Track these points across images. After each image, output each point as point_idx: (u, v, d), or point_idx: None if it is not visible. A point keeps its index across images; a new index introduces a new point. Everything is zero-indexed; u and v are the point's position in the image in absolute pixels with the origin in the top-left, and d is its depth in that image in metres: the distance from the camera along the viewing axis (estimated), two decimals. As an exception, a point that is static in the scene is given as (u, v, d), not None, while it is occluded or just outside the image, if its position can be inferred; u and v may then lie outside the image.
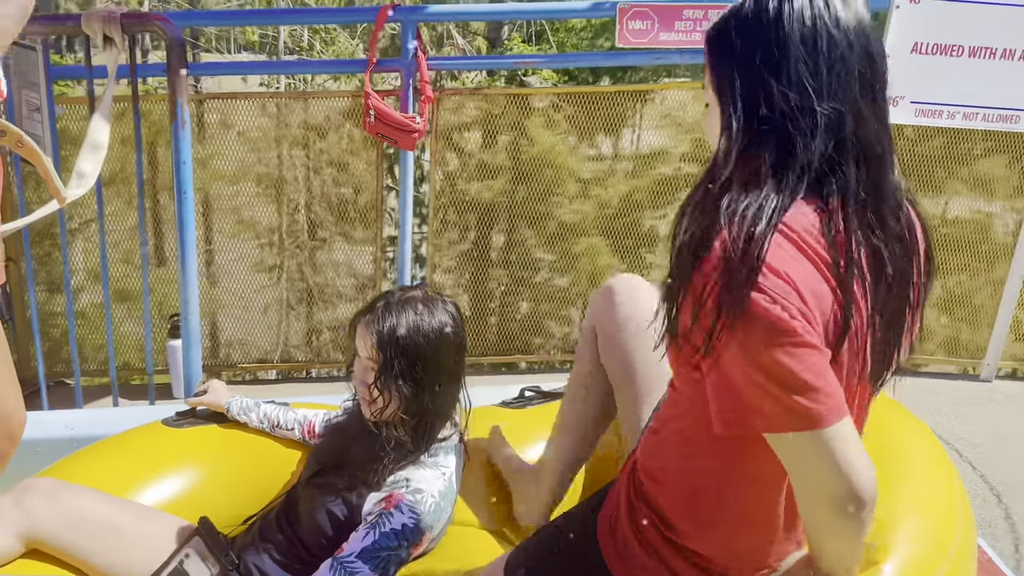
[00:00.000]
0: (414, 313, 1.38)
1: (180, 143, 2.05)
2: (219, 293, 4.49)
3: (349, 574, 1.26)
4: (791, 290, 0.90)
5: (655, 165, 4.54)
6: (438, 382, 1.40)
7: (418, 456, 1.39)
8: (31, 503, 1.38)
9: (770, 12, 0.96)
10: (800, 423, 0.89)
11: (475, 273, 4.67)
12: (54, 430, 1.90)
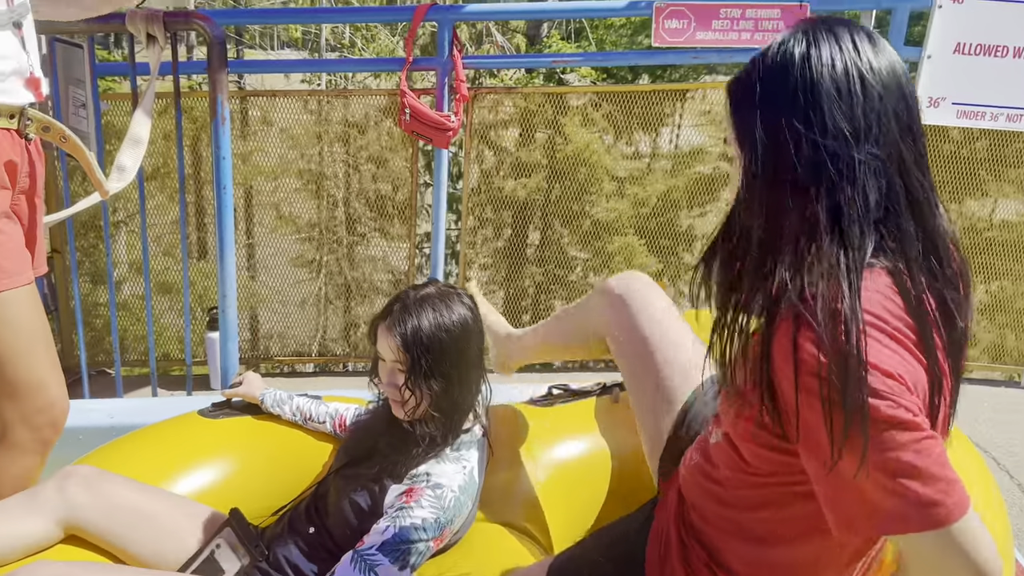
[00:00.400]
0: (432, 310, 1.39)
1: (220, 139, 2.08)
2: (258, 287, 4.57)
3: (369, 567, 1.28)
4: (904, 388, 0.86)
5: (693, 164, 4.51)
6: (465, 374, 1.42)
7: (443, 449, 1.41)
8: (71, 490, 1.42)
9: (797, 58, 0.93)
10: (931, 520, 0.84)
11: (510, 270, 4.68)
12: (96, 418, 1.95)
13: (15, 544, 1.35)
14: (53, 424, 1.53)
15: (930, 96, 2.90)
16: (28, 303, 1.48)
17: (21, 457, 1.51)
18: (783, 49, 0.95)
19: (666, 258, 4.56)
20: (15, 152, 1.45)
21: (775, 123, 0.92)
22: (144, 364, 4.36)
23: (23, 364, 1.47)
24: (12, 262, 1.44)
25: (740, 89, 0.98)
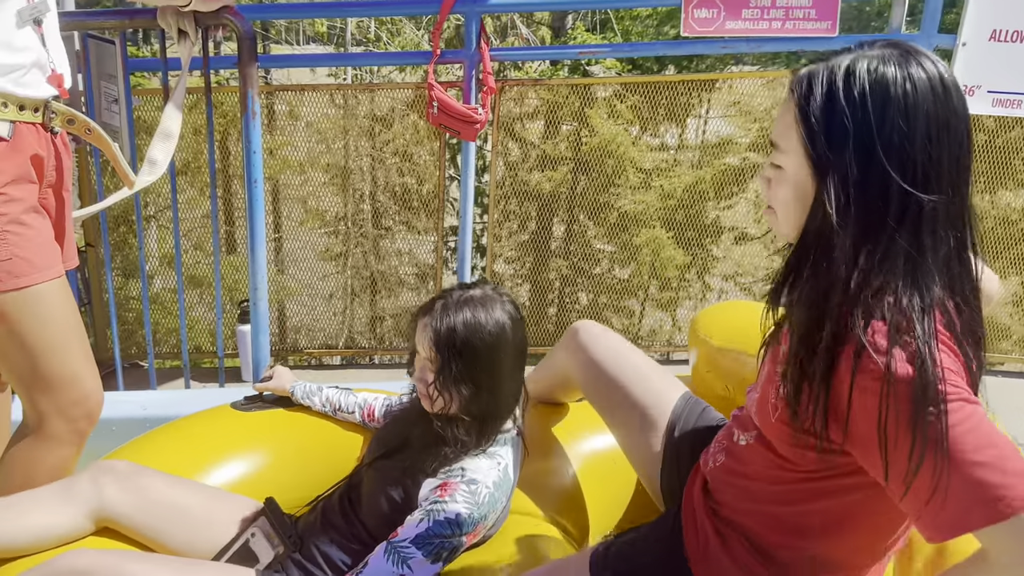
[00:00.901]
0: (471, 313, 1.37)
1: (251, 133, 2.10)
2: (286, 280, 4.61)
3: (402, 559, 1.28)
4: (966, 385, 0.92)
5: (721, 155, 4.47)
6: (497, 382, 1.40)
7: (476, 448, 1.40)
8: (105, 486, 1.43)
9: (899, 91, 0.93)
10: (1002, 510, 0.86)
11: (535, 263, 4.68)
12: (129, 410, 1.98)
13: (48, 534, 1.37)
14: (88, 416, 1.55)
15: (965, 84, 2.84)
16: (59, 296, 1.49)
17: (57, 448, 1.53)
18: (878, 75, 0.94)
19: (693, 250, 4.52)
20: (41, 146, 1.47)
21: (868, 158, 0.93)
22: (175, 357, 4.42)
23: (57, 357, 1.49)
24: (41, 256, 1.45)
25: (826, 108, 0.96)
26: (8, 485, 1.53)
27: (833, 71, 0.96)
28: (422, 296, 4.72)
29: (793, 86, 1.00)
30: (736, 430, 1.25)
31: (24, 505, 1.37)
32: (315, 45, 14.84)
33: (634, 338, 4.77)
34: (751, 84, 4.41)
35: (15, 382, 1.53)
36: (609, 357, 1.59)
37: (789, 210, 1.03)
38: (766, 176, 1.06)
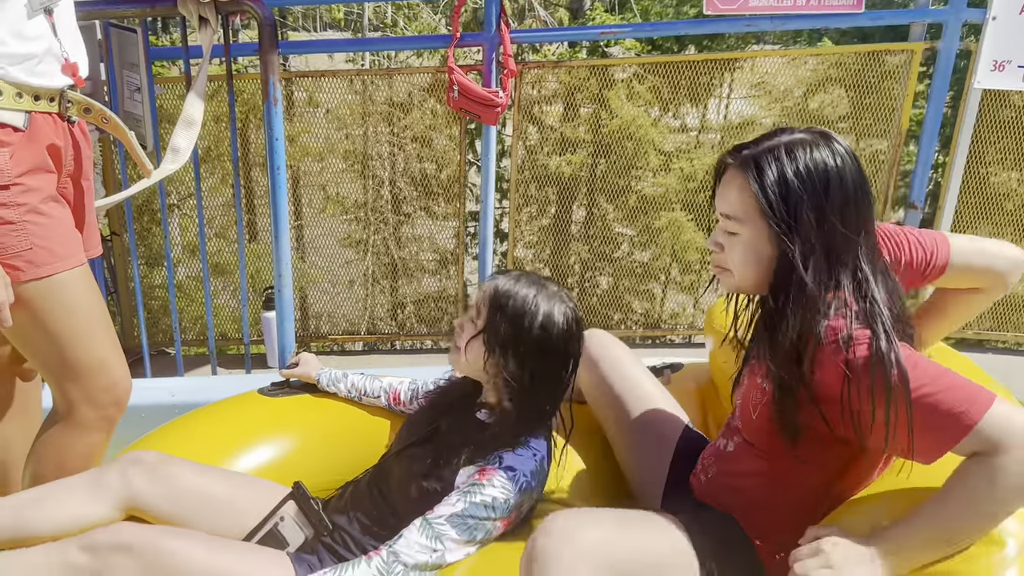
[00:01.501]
0: (533, 293, 1.39)
1: (272, 120, 2.10)
2: (308, 267, 4.62)
3: (437, 534, 1.29)
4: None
5: (743, 135, 4.42)
6: (539, 367, 1.40)
7: (514, 440, 1.40)
8: (133, 476, 1.44)
9: (833, 164, 1.19)
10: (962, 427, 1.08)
11: (555, 248, 4.66)
12: (158, 396, 1.99)
13: (79, 525, 1.38)
14: (116, 403, 1.56)
15: (994, 60, 2.79)
16: (82, 284, 1.50)
17: (87, 435, 1.54)
18: (814, 155, 1.20)
19: (715, 233, 4.49)
20: (58, 135, 1.47)
21: (822, 218, 1.19)
22: (199, 344, 4.46)
23: (83, 345, 1.50)
24: (63, 245, 1.46)
25: (781, 185, 1.19)
26: (40, 472, 1.55)
27: (777, 155, 1.19)
28: (443, 282, 4.72)
29: (742, 168, 1.21)
30: (724, 439, 1.45)
31: (55, 497, 1.39)
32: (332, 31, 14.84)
33: (655, 322, 4.75)
34: (773, 63, 4.34)
35: (43, 371, 1.55)
36: (615, 374, 1.67)
37: (747, 268, 1.26)
38: (718, 242, 1.28)
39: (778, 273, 1.24)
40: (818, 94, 4.28)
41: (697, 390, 1.88)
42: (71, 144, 1.52)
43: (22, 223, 1.38)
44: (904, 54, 3.54)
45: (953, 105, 4.46)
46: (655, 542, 1.24)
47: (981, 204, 3.87)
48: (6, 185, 1.36)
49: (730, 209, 1.23)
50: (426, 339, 4.98)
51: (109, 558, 1.26)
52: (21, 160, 1.39)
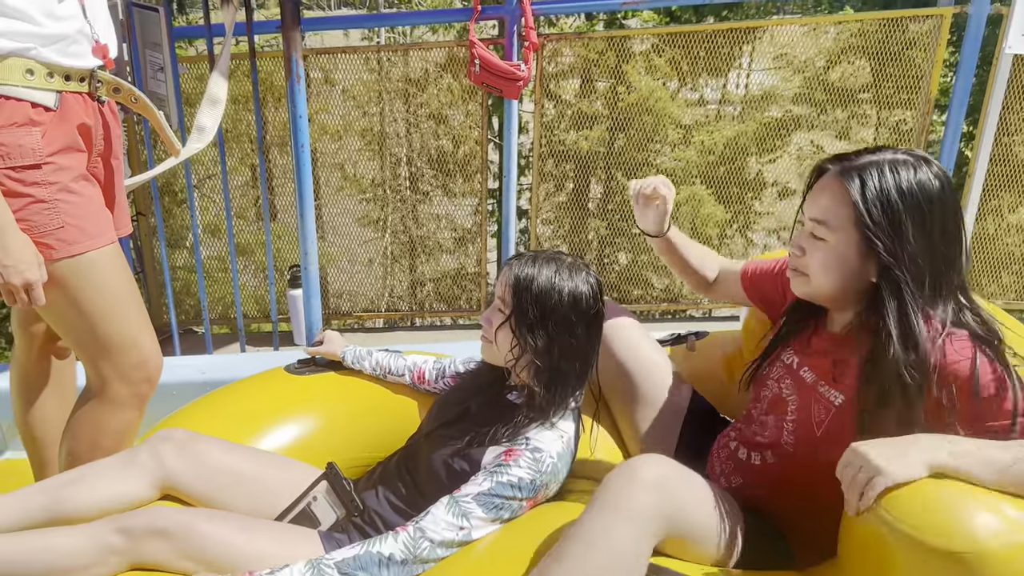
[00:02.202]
0: (555, 270, 1.40)
1: (295, 97, 2.09)
2: (327, 247, 4.64)
3: (463, 511, 1.31)
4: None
5: (764, 107, 4.37)
6: (567, 345, 1.40)
7: (544, 420, 1.41)
8: (165, 454, 1.46)
9: (933, 186, 1.23)
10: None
11: (573, 224, 4.64)
12: (188, 374, 2.01)
13: (115, 505, 1.40)
14: (148, 379, 1.58)
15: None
16: (114, 263, 1.51)
17: (120, 411, 1.57)
18: (917, 175, 1.24)
19: (734, 206, 4.45)
20: (88, 115, 1.49)
21: (923, 235, 1.23)
22: (224, 323, 4.50)
23: (115, 323, 1.52)
24: (93, 224, 1.48)
25: (882, 201, 1.23)
26: (75, 448, 1.58)
27: (880, 169, 1.23)
28: (461, 260, 4.72)
29: (843, 176, 1.25)
30: (745, 449, 1.47)
31: (90, 478, 1.41)
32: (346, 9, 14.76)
33: (675, 296, 4.73)
34: (793, 33, 4.28)
35: (76, 348, 1.57)
36: (619, 344, 1.68)
37: (827, 276, 1.29)
38: (801, 245, 1.31)
39: (868, 288, 1.27)
40: (840, 64, 4.22)
41: (723, 357, 1.88)
42: (101, 124, 1.53)
43: (54, 202, 1.40)
44: (930, 20, 3.48)
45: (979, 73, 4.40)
46: (713, 509, 1.28)
47: (1008, 174, 3.82)
48: (38, 164, 1.38)
49: (822, 215, 1.26)
50: (445, 316, 4.99)
51: (145, 541, 1.29)
52: (53, 140, 1.40)
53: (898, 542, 1.09)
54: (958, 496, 1.09)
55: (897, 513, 1.09)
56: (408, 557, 1.27)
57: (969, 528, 1.06)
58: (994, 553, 1.04)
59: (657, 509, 1.17)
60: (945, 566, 1.06)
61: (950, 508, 1.08)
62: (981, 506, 1.08)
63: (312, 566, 1.24)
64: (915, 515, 1.08)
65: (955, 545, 1.05)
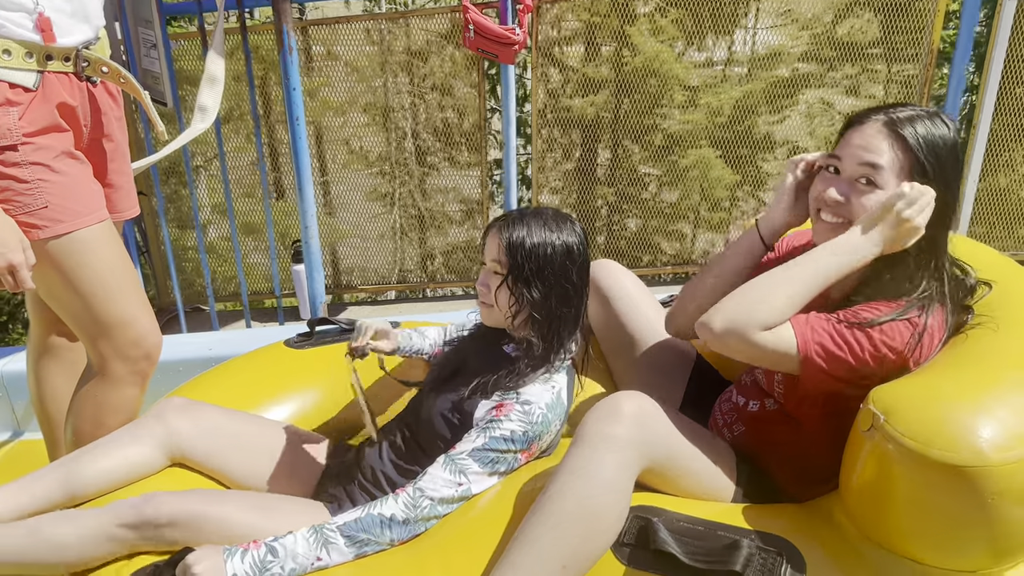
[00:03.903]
0: (543, 225, 1.42)
1: (289, 69, 2.08)
2: (337, 223, 4.64)
3: (460, 469, 1.33)
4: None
5: (771, 67, 4.30)
6: (563, 292, 1.43)
7: (546, 367, 1.43)
8: (170, 419, 1.49)
9: (952, 140, 1.28)
10: None
11: (581, 192, 4.62)
12: (195, 351, 2.03)
13: (127, 472, 1.43)
14: (147, 356, 1.59)
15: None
16: (105, 240, 1.50)
17: (120, 389, 1.58)
18: (949, 131, 1.28)
19: (743, 168, 4.40)
20: (72, 95, 1.46)
21: (948, 185, 1.28)
22: (232, 300, 4.53)
23: (110, 301, 1.51)
24: (80, 202, 1.46)
25: (928, 145, 1.26)
26: (79, 426, 1.59)
27: (924, 121, 1.26)
28: (470, 232, 4.71)
29: (894, 125, 1.26)
30: (742, 397, 1.50)
31: (101, 451, 1.43)
32: (347, -18, 14.62)
33: (686, 261, 4.70)
34: (800, -10, 4.19)
35: (74, 327, 1.57)
36: (622, 304, 1.68)
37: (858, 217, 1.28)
38: (844, 192, 1.29)
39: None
40: (848, 19, 4.14)
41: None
42: (89, 103, 1.51)
43: (36, 181, 1.39)
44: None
45: (986, 23, 4.29)
46: (695, 441, 1.31)
47: (1017, 125, 3.75)
48: (14, 145, 1.36)
49: (880, 160, 1.26)
50: (456, 286, 5.00)
51: (158, 533, 1.29)
52: (33, 120, 1.39)
53: (902, 457, 1.11)
54: (962, 410, 1.11)
55: (903, 428, 1.11)
56: (410, 516, 1.29)
57: (973, 442, 1.07)
58: (997, 467, 1.06)
59: (636, 437, 1.22)
60: (947, 480, 1.08)
61: (954, 422, 1.10)
62: (985, 420, 1.10)
63: (315, 531, 1.25)
64: (919, 430, 1.10)
65: (959, 459, 1.07)
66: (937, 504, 1.13)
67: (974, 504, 1.10)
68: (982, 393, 1.16)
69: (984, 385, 1.17)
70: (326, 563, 1.25)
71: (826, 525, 1.28)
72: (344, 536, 1.26)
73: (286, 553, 1.22)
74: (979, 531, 1.14)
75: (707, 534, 1.25)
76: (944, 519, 1.14)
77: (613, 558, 1.25)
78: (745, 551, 1.21)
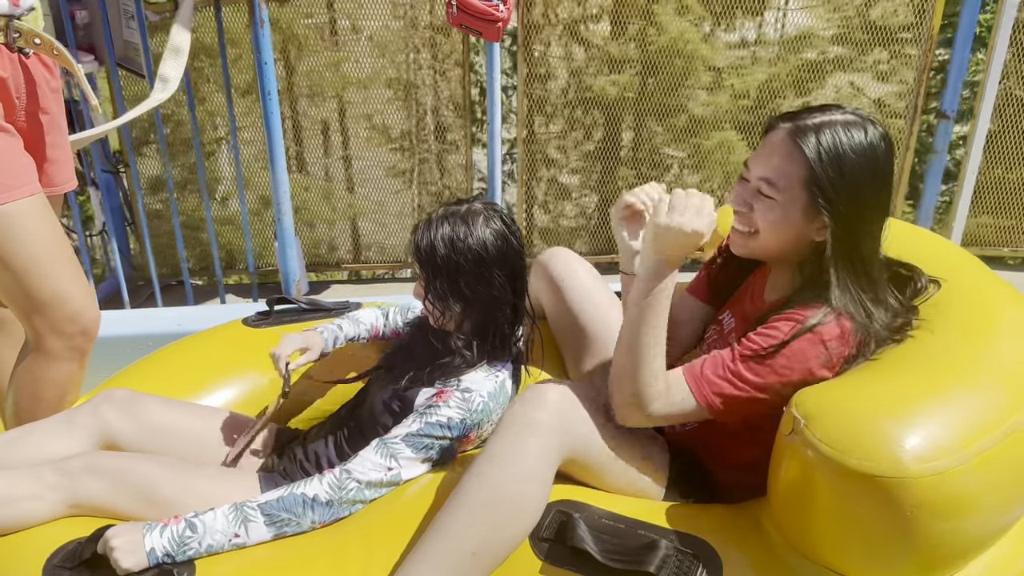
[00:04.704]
0: (451, 228, 1.36)
1: (260, 43, 2.06)
2: (356, 199, 4.65)
3: (392, 453, 1.32)
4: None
5: (800, 50, 4.17)
6: (487, 298, 1.38)
7: (476, 365, 1.41)
8: (104, 411, 1.48)
9: (875, 150, 1.22)
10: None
11: (602, 174, 4.54)
12: (164, 325, 2.04)
13: None
14: (84, 332, 1.58)
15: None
16: (35, 215, 1.47)
17: (57, 364, 1.57)
18: (869, 138, 1.22)
19: (768, 153, 4.28)
20: (2, 66, 1.45)
21: (858, 198, 1.22)
22: (243, 274, 4.56)
23: (42, 277, 1.49)
24: (9, 175, 1.44)
25: (831, 156, 1.21)
26: (19, 400, 1.61)
27: (833, 130, 1.21)
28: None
29: (795, 135, 1.22)
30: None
31: (30, 439, 1.42)
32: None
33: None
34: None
35: (8, 303, 1.56)
36: (575, 294, 1.66)
37: (774, 234, 1.27)
38: (748, 202, 1.27)
39: (808, 248, 1.27)
40: (881, 1, 3.98)
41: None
42: (23, 75, 1.50)
43: None
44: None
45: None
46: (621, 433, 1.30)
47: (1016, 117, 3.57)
48: None
49: (772, 174, 1.24)
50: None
51: (80, 479, 1.31)
52: None
53: (820, 465, 1.07)
54: (884, 417, 1.07)
55: (822, 434, 1.08)
56: (333, 498, 1.28)
57: (893, 453, 1.03)
58: (916, 479, 1.02)
59: (559, 425, 1.21)
60: (865, 490, 1.04)
61: (875, 430, 1.06)
62: (908, 429, 1.05)
63: (236, 509, 1.25)
64: (838, 437, 1.06)
65: (877, 468, 1.03)
66: (857, 515, 1.09)
67: (893, 517, 1.06)
68: (908, 401, 1.10)
69: (911, 392, 1.12)
70: (244, 541, 1.25)
71: (752, 530, 1.24)
72: (264, 515, 1.26)
73: (205, 529, 1.22)
74: (901, 544, 1.09)
75: (627, 532, 1.23)
76: (865, 531, 1.09)
77: (530, 551, 1.23)
78: (662, 552, 1.18)
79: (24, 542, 1.25)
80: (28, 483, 1.29)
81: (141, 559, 1.17)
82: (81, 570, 1.20)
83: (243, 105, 4.25)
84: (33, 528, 1.27)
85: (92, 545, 1.21)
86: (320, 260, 4.57)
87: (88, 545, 1.22)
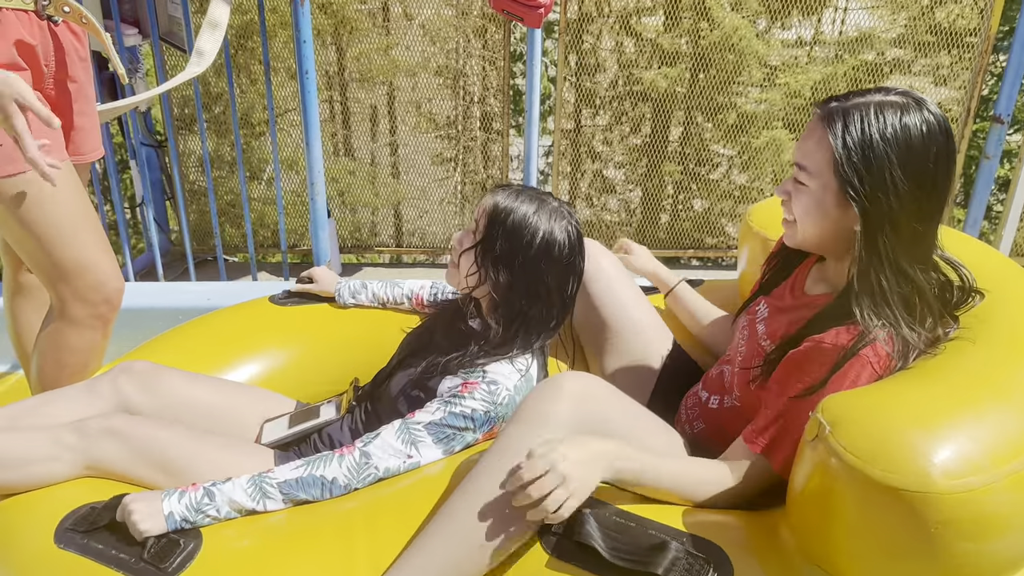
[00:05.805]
0: (537, 209, 1.36)
1: (299, 21, 2.05)
2: (400, 185, 4.66)
3: (412, 438, 1.30)
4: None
5: (859, 51, 4.05)
6: (533, 284, 1.37)
7: (502, 355, 1.38)
8: (123, 384, 1.49)
9: (915, 135, 1.12)
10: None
11: (648, 168, 4.48)
12: (193, 300, 2.06)
13: None
14: (107, 301, 1.59)
15: None
16: (60, 183, 1.47)
17: (81, 331, 1.59)
18: (907, 121, 1.13)
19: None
20: (32, 33, 1.45)
21: (895, 189, 1.13)
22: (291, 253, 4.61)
23: (68, 245, 1.50)
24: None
25: (860, 141, 1.13)
26: (42, 365, 1.62)
27: (865, 113, 1.12)
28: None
29: (825, 120, 1.15)
30: (705, 392, 1.44)
31: (49, 407, 1.44)
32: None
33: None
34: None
35: (34, 269, 1.58)
36: (599, 286, 1.62)
37: (809, 222, 1.22)
38: (786, 190, 1.24)
39: (845, 240, 1.21)
40: (946, 3, 3.83)
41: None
42: (52, 43, 1.50)
43: None
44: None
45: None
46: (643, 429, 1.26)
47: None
48: None
49: (804, 159, 1.19)
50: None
51: (98, 440, 1.32)
52: None
53: (842, 473, 1.02)
54: (914, 428, 1.01)
55: (846, 441, 1.02)
56: (352, 482, 1.28)
57: (921, 466, 0.97)
58: (943, 495, 0.96)
59: (573, 417, 1.16)
60: (887, 503, 0.99)
61: (902, 441, 1.00)
62: (938, 442, 0.99)
63: (254, 483, 1.25)
64: (864, 445, 1.01)
65: (901, 481, 0.98)
66: (878, 529, 1.04)
67: (916, 533, 1.01)
68: (940, 413, 1.05)
69: (944, 404, 1.06)
70: (259, 511, 1.25)
71: (769, 538, 1.20)
72: (282, 493, 1.26)
73: (223, 498, 1.23)
74: (923, 562, 1.04)
75: (637, 531, 1.19)
76: (886, 546, 1.04)
77: (538, 544, 1.20)
78: (671, 554, 1.15)
79: (36, 504, 1.26)
80: (47, 445, 1.31)
81: (160, 523, 1.18)
82: (93, 535, 1.21)
83: (292, 87, 4.30)
84: (45, 489, 1.28)
85: (109, 512, 1.23)
86: (361, 243, 4.60)
87: (105, 512, 1.23)
